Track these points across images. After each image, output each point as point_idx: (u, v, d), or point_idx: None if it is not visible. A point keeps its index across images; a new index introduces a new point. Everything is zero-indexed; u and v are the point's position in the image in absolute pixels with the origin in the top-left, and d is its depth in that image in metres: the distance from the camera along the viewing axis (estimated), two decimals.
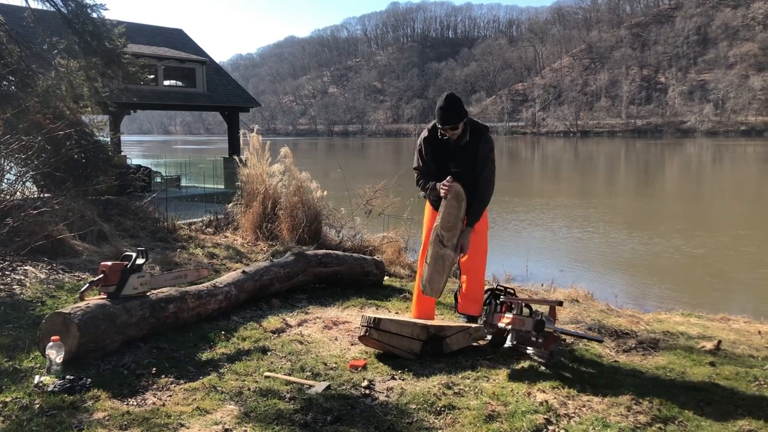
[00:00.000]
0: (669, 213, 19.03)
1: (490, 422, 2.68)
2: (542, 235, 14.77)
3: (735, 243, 13.31)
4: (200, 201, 13.69)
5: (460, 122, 3.78)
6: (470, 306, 4.03)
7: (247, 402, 2.84)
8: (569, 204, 20.41)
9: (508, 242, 13.92)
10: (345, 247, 7.01)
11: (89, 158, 7.99)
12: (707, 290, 9.52)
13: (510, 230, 15.35)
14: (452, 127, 3.78)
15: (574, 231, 15.05)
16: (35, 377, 2.94)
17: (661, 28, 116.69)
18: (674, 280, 10.27)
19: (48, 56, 7.99)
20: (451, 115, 3.75)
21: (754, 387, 3.23)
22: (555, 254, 12.38)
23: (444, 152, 3.91)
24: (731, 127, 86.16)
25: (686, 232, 14.78)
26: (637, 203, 21.59)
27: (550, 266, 10.82)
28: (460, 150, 3.86)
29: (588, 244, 13.36)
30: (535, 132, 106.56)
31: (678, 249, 12.67)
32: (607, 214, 17.76)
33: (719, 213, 19.16)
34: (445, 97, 3.81)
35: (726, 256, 12.03)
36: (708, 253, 12.26)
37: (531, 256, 11.31)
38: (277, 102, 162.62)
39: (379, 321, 3.52)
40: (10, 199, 6.04)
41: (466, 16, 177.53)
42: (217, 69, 21.20)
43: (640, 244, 13.22)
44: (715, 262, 11.57)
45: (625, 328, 4.37)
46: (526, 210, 18.92)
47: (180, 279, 4.20)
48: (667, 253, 12.25)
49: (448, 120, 3.77)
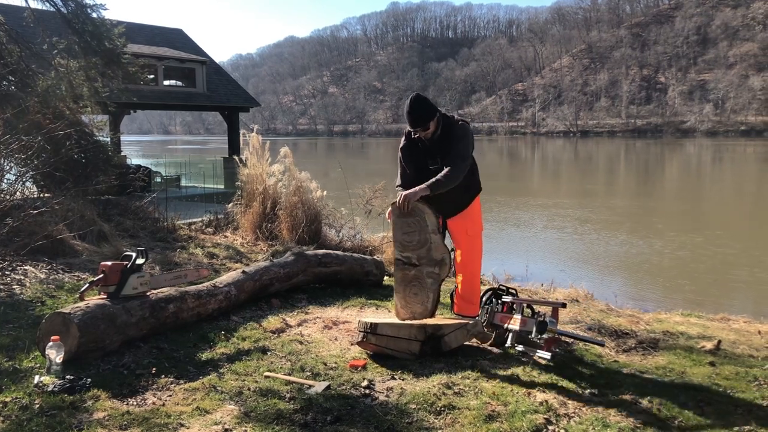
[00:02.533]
0: (669, 213, 19.04)
1: (490, 422, 2.67)
2: (542, 235, 14.77)
3: (735, 243, 13.31)
4: (200, 201, 13.68)
5: (429, 122, 3.75)
6: (466, 307, 4.03)
7: (247, 402, 2.84)
8: (569, 204, 20.41)
9: (508, 242, 13.92)
10: (345, 247, 7.01)
11: (89, 158, 7.99)
12: (707, 290, 9.52)
13: (510, 230, 15.36)
14: (423, 129, 3.77)
15: (573, 231, 15.05)
16: (35, 377, 2.94)
17: (661, 28, 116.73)
18: (674, 280, 10.27)
19: (48, 56, 7.99)
20: (419, 117, 3.74)
21: (754, 387, 3.23)
22: (555, 254, 12.38)
23: (421, 153, 3.89)
24: (731, 127, 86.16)
25: (686, 231, 14.78)
26: (637, 203, 21.59)
27: (550, 266, 10.82)
28: (435, 147, 3.83)
29: (588, 244, 13.36)
30: (535, 132, 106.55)
31: (678, 249, 12.67)
32: (607, 214, 17.76)
33: (720, 213, 19.16)
34: (410, 101, 3.78)
35: (726, 256, 12.03)
36: (708, 253, 12.26)
37: (531, 256, 11.32)
38: (277, 102, 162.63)
39: (376, 326, 3.51)
40: (10, 199, 6.04)
41: (466, 16, 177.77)
42: (217, 69, 21.19)
43: (640, 243, 13.22)
44: (716, 262, 11.57)
45: (625, 328, 4.37)
46: (526, 210, 18.93)
47: (180, 279, 4.20)
48: (667, 253, 12.26)
49: (416, 122, 3.75)
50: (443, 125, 3.82)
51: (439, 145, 3.82)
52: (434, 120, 3.77)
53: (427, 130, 3.77)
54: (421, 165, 3.89)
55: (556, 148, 66.59)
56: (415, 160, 3.92)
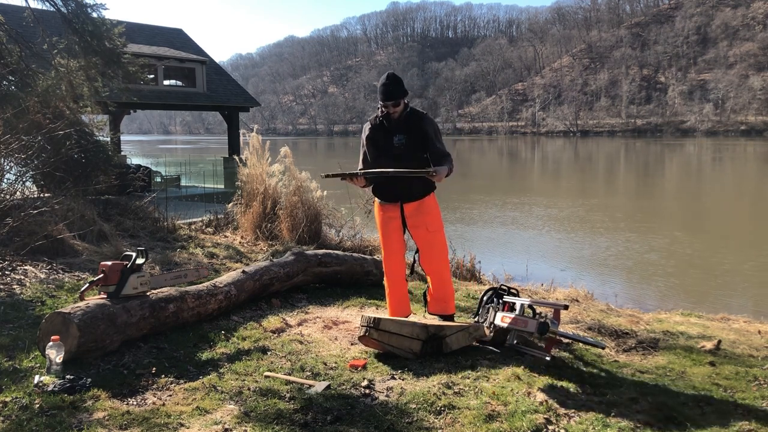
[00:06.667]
0: (669, 212, 19.04)
1: (490, 422, 2.67)
2: (542, 235, 14.77)
3: (735, 243, 13.31)
4: (200, 201, 13.70)
5: (402, 98, 3.84)
6: (440, 306, 4.04)
7: (247, 402, 2.84)
8: (569, 204, 20.41)
9: (509, 242, 13.92)
10: (345, 247, 7.01)
11: (89, 158, 7.98)
12: (707, 290, 9.52)
13: (510, 230, 15.35)
14: (394, 104, 3.83)
15: (573, 231, 15.05)
16: (35, 377, 2.94)
17: (661, 28, 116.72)
18: (674, 279, 10.27)
19: (48, 56, 7.99)
20: (393, 90, 3.81)
21: (754, 387, 3.23)
22: (555, 254, 12.39)
23: (386, 134, 3.94)
24: (731, 127, 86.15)
25: (686, 231, 14.78)
26: (637, 203, 21.58)
27: (550, 266, 10.82)
28: (401, 126, 3.89)
29: (588, 244, 13.36)
30: (534, 132, 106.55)
31: (678, 248, 12.68)
32: (607, 214, 17.76)
33: (720, 212, 19.16)
34: (386, 75, 3.90)
35: (726, 255, 12.03)
36: (708, 253, 12.27)
37: (531, 256, 11.32)
38: (277, 102, 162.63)
39: (379, 321, 3.51)
40: (10, 199, 6.04)
41: (466, 16, 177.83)
42: (217, 69, 21.19)
43: (640, 243, 13.22)
44: (716, 262, 11.58)
45: (625, 327, 4.36)
46: (526, 210, 18.92)
47: (180, 279, 4.20)
48: (667, 253, 12.25)
49: (390, 95, 3.81)
50: (412, 111, 3.93)
51: (406, 123, 3.90)
52: (405, 101, 3.88)
53: (397, 107, 3.85)
54: (381, 144, 3.95)
55: (556, 148, 66.59)
56: (377, 140, 3.98)
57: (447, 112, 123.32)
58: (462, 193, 21.70)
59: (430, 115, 4.08)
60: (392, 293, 4.13)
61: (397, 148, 3.87)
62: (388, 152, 3.90)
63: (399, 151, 3.87)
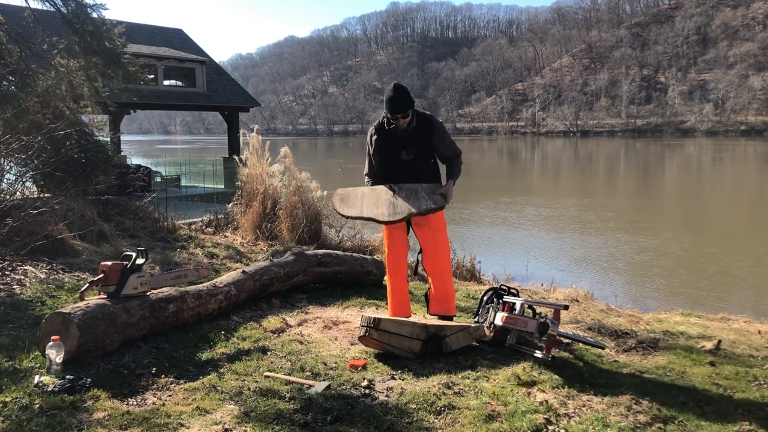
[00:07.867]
0: (669, 212, 19.04)
1: (490, 422, 2.67)
2: (542, 235, 14.77)
3: (735, 242, 13.31)
4: (200, 201, 13.70)
5: (409, 110, 3.84)
6: (441, 306, 4.04)
7: (247, 402, 2.84)
8: (569, 204, 20.41)
9: (508, 242, 13.92)
10: (345, 247, 7.02)
11: (89, 158, 7.98)
12: (707, 290, 9.52)
13: (510, 230, 15.36)
14: (403, 116, 3.83)
15: (573, 231, 15.05)
16: (35, 377, 2.94)
17: (661, 28, 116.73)
18: (674, 279, 10.27)
19: (48, 56, 7.98)
20: (402, 103, 3.81)
21: (754, 387, 3.23)
22: (555, 254, 12.39)
23: (394, 144, 3.94)
24: (731, 127, 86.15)
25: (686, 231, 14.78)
26: (637, 203, 21.59)
27: (550, 266, 10.82)
28: (409, 137, 3.90)
29: (588, 244, 13.36)
30: (534, 132, 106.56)
31: (678, 248, 12.68)
32: (607, 214, 17.76)
33: (719, 212, 19.16)
34: (392, 87, 3.88)
35: (726, 255, 12.03)
36: (708, 253, 12.26)
37: (531, 256, 11.31)
38: (277, 102, 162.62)
39: (379, 321, 3.51)
40: (10, 199, 6.04)
41: (466, 16, 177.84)
42: (217, 69, 21.19)
43: (640, 243, 13.22)
44: (716, 262, 11.57)
45: (625, 327, 4.36)
46: (525, 210, 18.92)
47: (180, 279, 4.19)
48: (667, 253, 12.25)
49: (399, 108, 3.81)
50: (418, 117, 3.92)
51: (414, 136, 3.89)
52: (412, 109, 3.87)
53: (406, 119, 3.85)
54: (390, 156, 3.95)
55: (556, 148, 66.59)
56: (385, 151, 3.98)
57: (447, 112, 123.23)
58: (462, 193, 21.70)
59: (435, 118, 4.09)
60: (394, 293, 4.14)
61: (407, 162, 3.91)
62: (396, 163, 3.94)
63: (407, 161, 3.92)
